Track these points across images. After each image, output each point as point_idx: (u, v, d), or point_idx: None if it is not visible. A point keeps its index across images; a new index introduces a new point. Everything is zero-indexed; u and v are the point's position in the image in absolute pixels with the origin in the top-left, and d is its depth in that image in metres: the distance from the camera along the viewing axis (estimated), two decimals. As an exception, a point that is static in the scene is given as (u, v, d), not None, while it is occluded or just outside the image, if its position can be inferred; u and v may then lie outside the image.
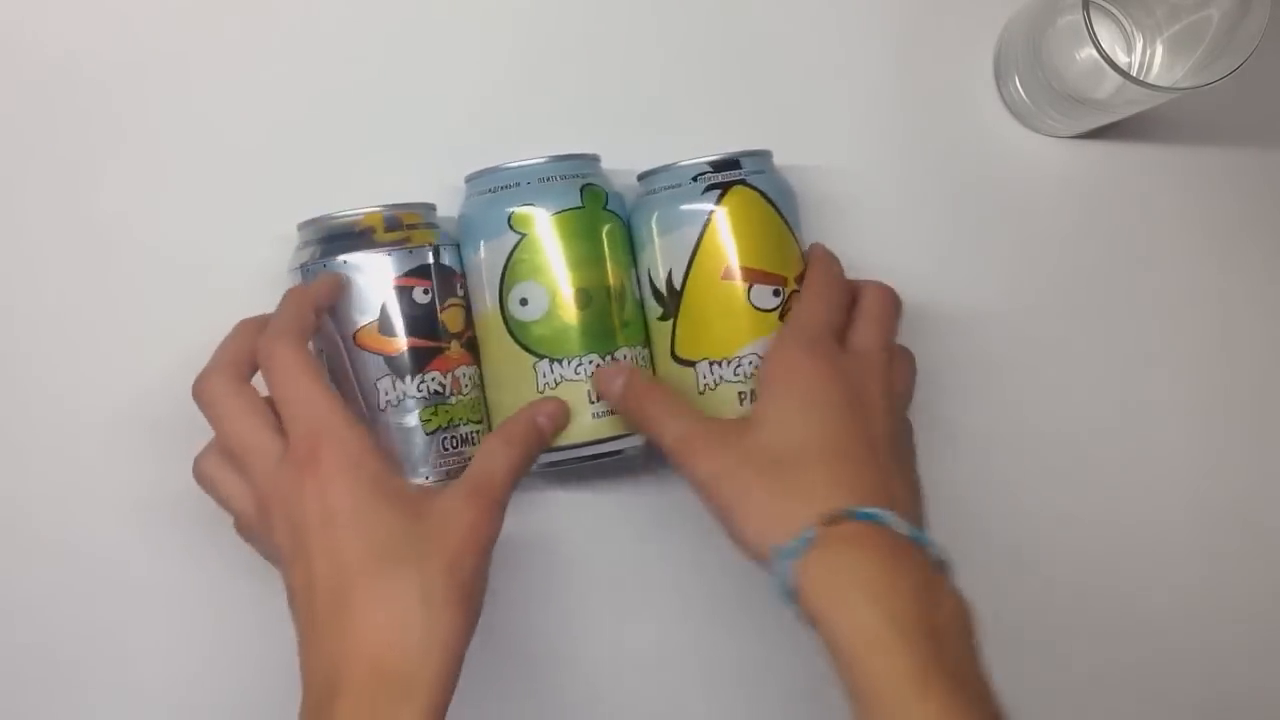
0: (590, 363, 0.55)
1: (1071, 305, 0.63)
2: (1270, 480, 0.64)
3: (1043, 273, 0.63)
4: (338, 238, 0.54)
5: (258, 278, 0.57)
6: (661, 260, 0.56)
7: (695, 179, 0.55)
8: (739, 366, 0.55)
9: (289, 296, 0.52)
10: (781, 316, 0.55)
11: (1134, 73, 0.57)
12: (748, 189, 0.55)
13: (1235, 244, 0.64)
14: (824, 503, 0.47)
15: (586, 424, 0.55)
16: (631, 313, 0.56)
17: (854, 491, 0.47)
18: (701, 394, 0.55)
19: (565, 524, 0.61)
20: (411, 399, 0.54)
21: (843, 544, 0.46)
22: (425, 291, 0.54)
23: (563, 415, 0.54)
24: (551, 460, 0.56)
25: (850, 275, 0.59)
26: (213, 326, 0.53)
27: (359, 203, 0.55)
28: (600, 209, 0.55)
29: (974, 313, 0.62)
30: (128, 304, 0.60)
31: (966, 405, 0.62)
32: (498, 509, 0.50)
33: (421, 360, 0.54)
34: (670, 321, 0.56)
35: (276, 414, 0.49)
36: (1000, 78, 0.63)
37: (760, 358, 0.54)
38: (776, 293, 0.55)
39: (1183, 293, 0.63)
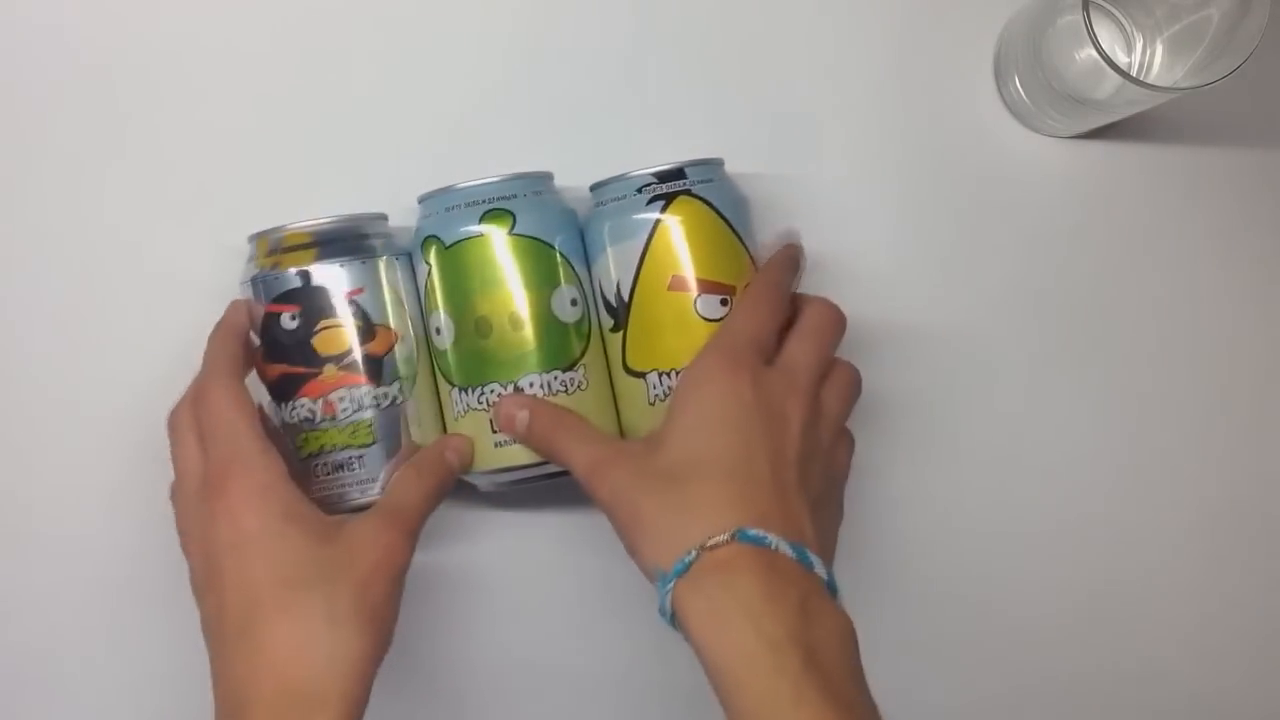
0: (492, 391, 0.54)
1: (1071, 305, 0.63)
2: (1270, 480, 0.64)
3: (1042, 273, 0.63)
4: (252, 258, 0.55)
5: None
6: (611, 271, 0.55)
7: (640, 190, 0.55)
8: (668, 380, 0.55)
9: (211, 336, 0.54)
10: None
11: (1134, 73, 0.57)
12: (692, 199, 0.54)
13: (1235, 244, 0.64)
14: (711, 524, 0.46)
15: (489, 452, 0.55)
16: (546, 337, 0.55)
17: (744, 512, 0.47)
18: (652, 405, 0.54)
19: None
20: (286, 424, 0.54)
21: (723, 567, 0.46)
22: (292, 317, 0.54)
23: (468, 450, 0.55)
24: (483, 484, 0.57)
25: (848, 275, 0.60)
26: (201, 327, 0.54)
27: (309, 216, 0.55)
28: (507, 233, 0.54)
29: (973, 313, 0.62)
30: (125, 306, 0.60)
31: (966, 405, 0.62)
32: (409, 536, 0.50)
33: (289, 387, 0.54)
34: (621, 333, 0.55)
35: None
36: (1000, 78, 0.63)
37: None
38: (724, 302, 0.54)
39: (1183, 293, 0.63)
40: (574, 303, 0.55)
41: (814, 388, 0.51)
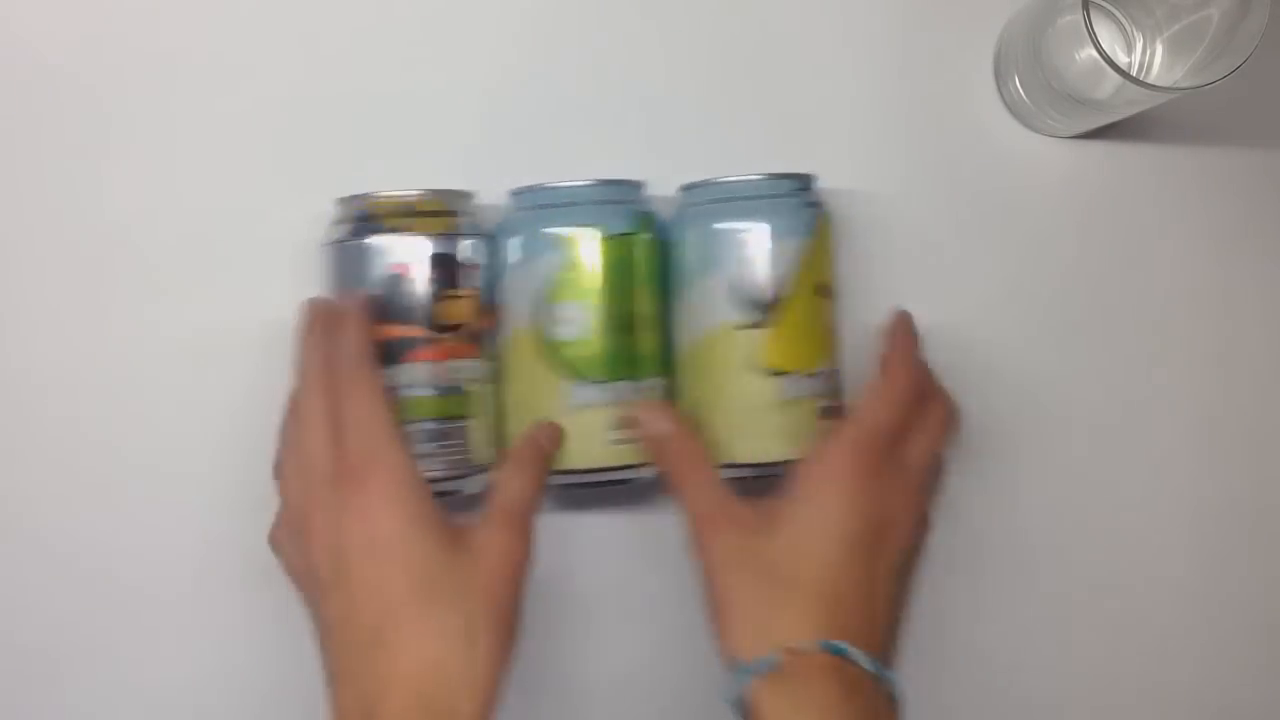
0: (617, 389, 0.55)
1: (1071, 305, 0.63)
2: (1270, 480, 0.64)
3: (1042, 273, 0.63)
4: (355, 219, 0.55)
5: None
6: (761, 266, 0.55)
7: (800, 190, 0.56)
8: (823, 381, 0.55)
9: (349, 320, 0.52)
10: None
11: (1134, 73, 0.57)
12: (826, 210, 0.57)
13: (1236, 244, 0.64)
14: (801, 629, 0.48)
15: (600, 450, 0.55)
16: (658, 342, 0.56)
17: (835, 624, 0.48)
18: (781, 406, 0.55)
19: (574, 548, 0.60)
20: (409, 387, 0.54)
21: (804, 674, 0.47)
22: (424, 281, 0.54)
23: (559, 438, 0.54)
24: (564, 482, 0.56)
25: (848, 275, 0.60)
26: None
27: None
28: (649, 235, 0.56)
29: (973, 313, 0.62)
30: (133, 298, 0.60)
31: (965, 405, 0.62)
32: (528, 534, 0.50)
33: (403, 350, 0.54)
34: (760, 331, 0.55)
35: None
36: (1000, 78, 0.63)
37: (837, 374, 0.56)
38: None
39: (1183, 293, 0.63)
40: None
41: (926, 491, 0.53)
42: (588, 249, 0.55)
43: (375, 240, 0.54)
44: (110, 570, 0.59)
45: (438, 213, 0.55)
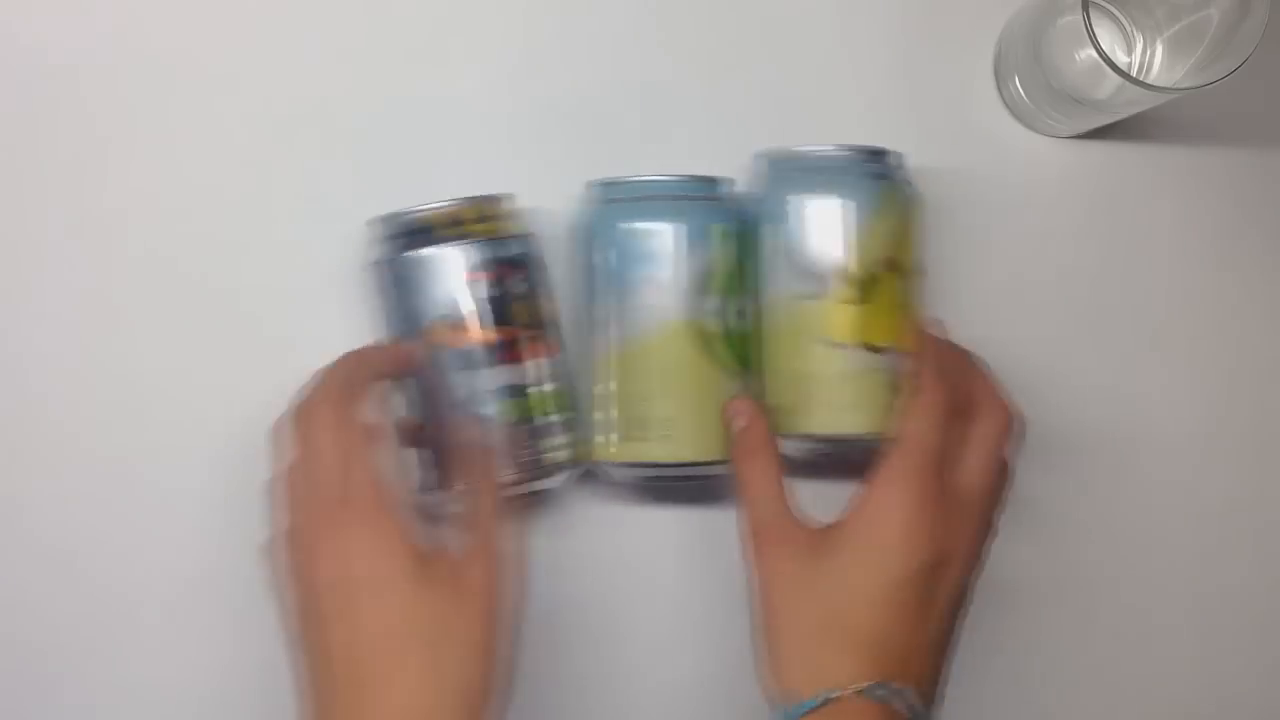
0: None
1: (1071, 305, 0.63)
2: (1270, 480, 0.64)
3: (1042, 273, 0.63)
4: (408, 234, 0.54)
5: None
6: (837, 240, 0.55)
7: (897, 166, 0.57)
8: (892, 358, 0.55)
9: (348, 358, 0.52)
10: None
11: (1134, 73, 0.57)
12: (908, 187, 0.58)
13: (1235, 244, 0.64)
14: (849, 674, 0.48)
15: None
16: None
17: (883, 668, 0.48)
18: (853, 378, 0.55)
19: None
20: (486, 393, 0.54)
21: (853, 713, 0.47)
22: (522, 280, 0.55)
23: (494, 472, 0.52)
24: (653, 475, 0.57)
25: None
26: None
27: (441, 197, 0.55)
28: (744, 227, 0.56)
29: (973, 313, 0.62)
30: (135, 302, 0.60)
31: (966, 405, 0.62)
32: (500, 564, 0.48)
33: (511, 351, 0.54)
34: (834, 303, 0.55)
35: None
36: (1000, 78, 0.63)
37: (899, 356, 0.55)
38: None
39: (1183, 293, 0.63)
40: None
41: (987, 518, 0.52)
42: (733, 244, 0.56)
43: (430, 251, 0.54)
44: (107, 572, 0.59)
45: (487, 217, 0.55)
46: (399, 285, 0.54)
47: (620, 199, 0.56)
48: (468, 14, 0.61)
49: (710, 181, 0.56)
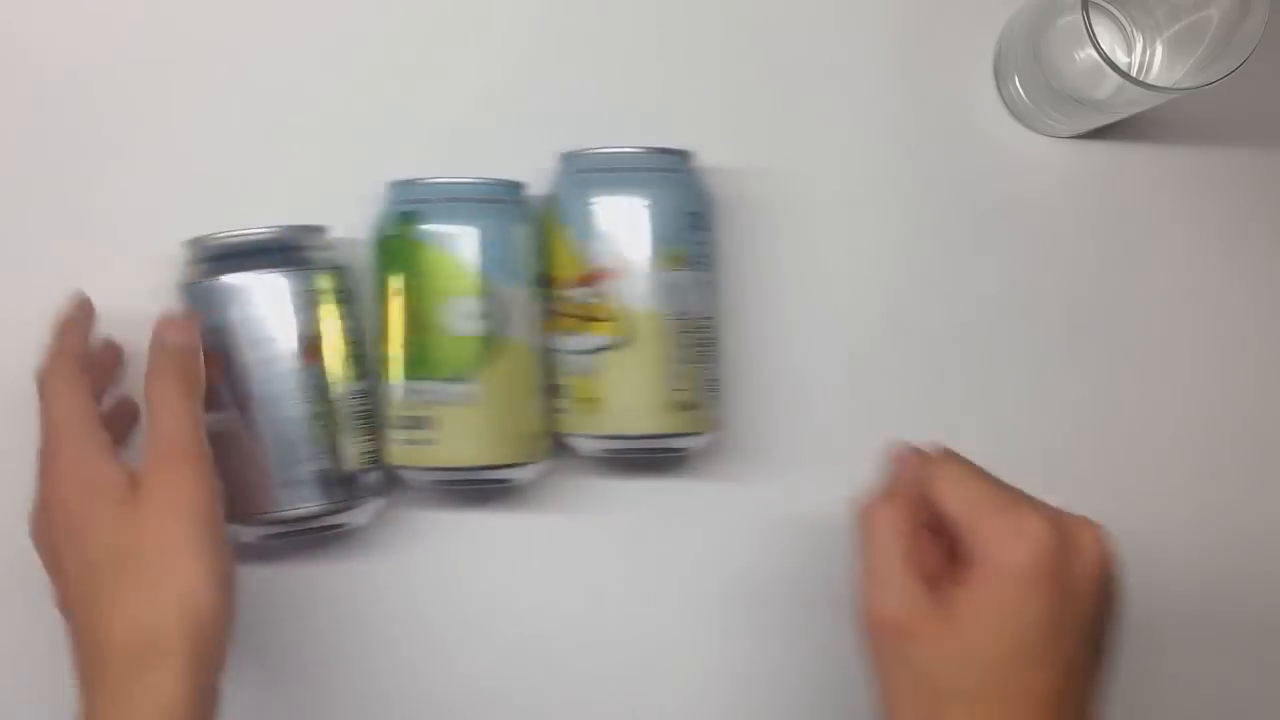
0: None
1: (1071, 305, 0.63)
2: (1270, 481, 0.64)
3: (1042, 273, 0.63)
4: (216, 259, 0.54)
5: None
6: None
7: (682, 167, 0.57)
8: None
9: (58, 323, 0.54)
10: None
11: (1134, 73, 0.57)
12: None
13: (1235, 244, 0.64)
14: None
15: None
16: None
17: None
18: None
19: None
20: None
21: None
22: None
23: (188, 324, 0.52)
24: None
25: (848, 275, 0.60)
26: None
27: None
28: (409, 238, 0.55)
29: (973, 313, 0.62)
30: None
31: (965, 404, 0.62)
32: (190, 462, 0.49)
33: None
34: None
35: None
36: (1000, 78, 0.63)
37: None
38: None
39: (1183, 293, 0.64)
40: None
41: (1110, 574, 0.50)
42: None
43: (231, 279, 0.53)
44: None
45: (293, 248, 0.54)
46: (207, 309, 0.54)
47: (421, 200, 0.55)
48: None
49: (512, 185, 0.56)
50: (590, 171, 0.56)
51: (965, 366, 0.62)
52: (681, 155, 0.56)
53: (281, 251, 0.54)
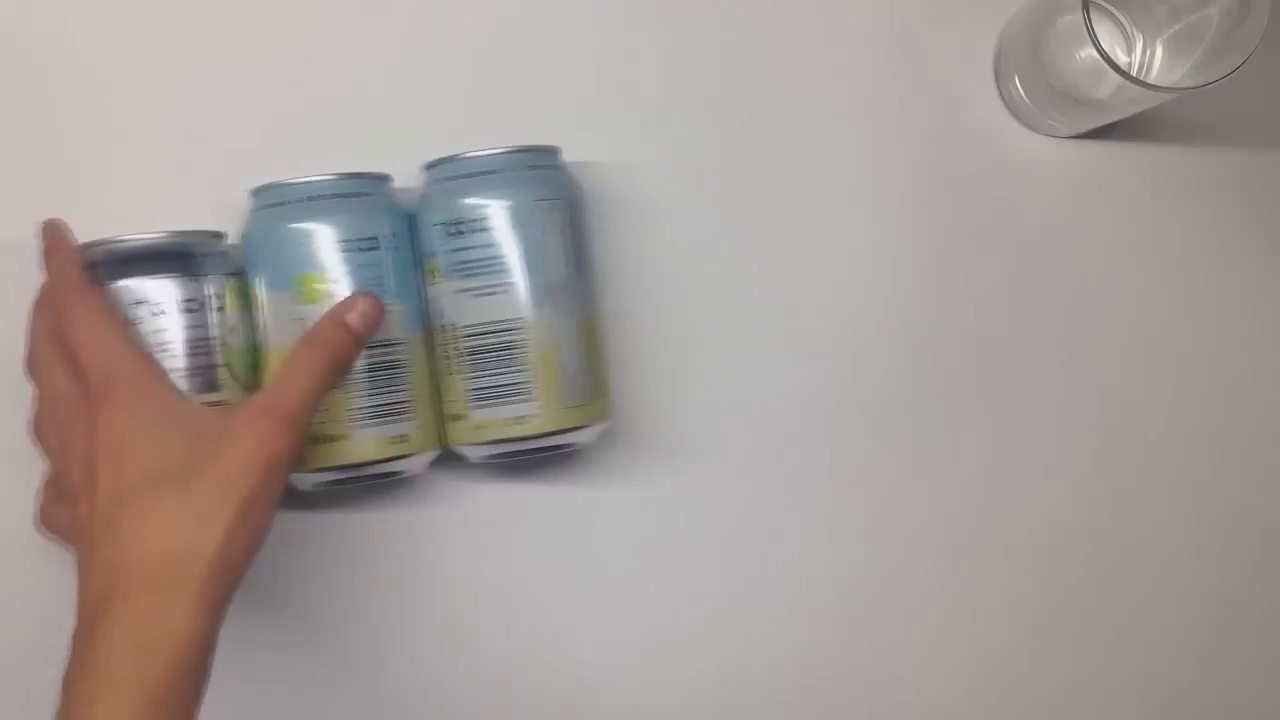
0: None
1: (1071, 305, 0.63)
2: (1270, 480, 0.64)
3: (1042, 273, 0.63)
4: (113, 263, 0.53)
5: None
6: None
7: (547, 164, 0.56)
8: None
9: (51, 254, 0.52)
10: None
11: (1134, 73, 0.57)
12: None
13: (1235, 244, 0.64)
14: None
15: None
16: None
17: None
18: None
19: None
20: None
21: None
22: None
23: (377, 314, 0.52)
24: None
25: (848, 274, 0.60)
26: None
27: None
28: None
29: (973, 312, 0.62)
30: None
31: (966, 404, 0.62)
32: (286, 422, 0.48)
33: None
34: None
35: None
36: (1000, 78, 0.63)
37: None
38: None
39: (1183, 293, 0.64)
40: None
41: None
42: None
43: (124, 284, 0.53)
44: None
45: (183, 254, 0.54)
46: None
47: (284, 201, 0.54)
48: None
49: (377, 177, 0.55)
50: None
51: (964, 366, 0.62)
52: (537, 152, 0.55)
53: (177, 257, 0.53)
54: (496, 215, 0.54)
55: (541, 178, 0.55)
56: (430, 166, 0.55)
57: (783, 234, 0.61)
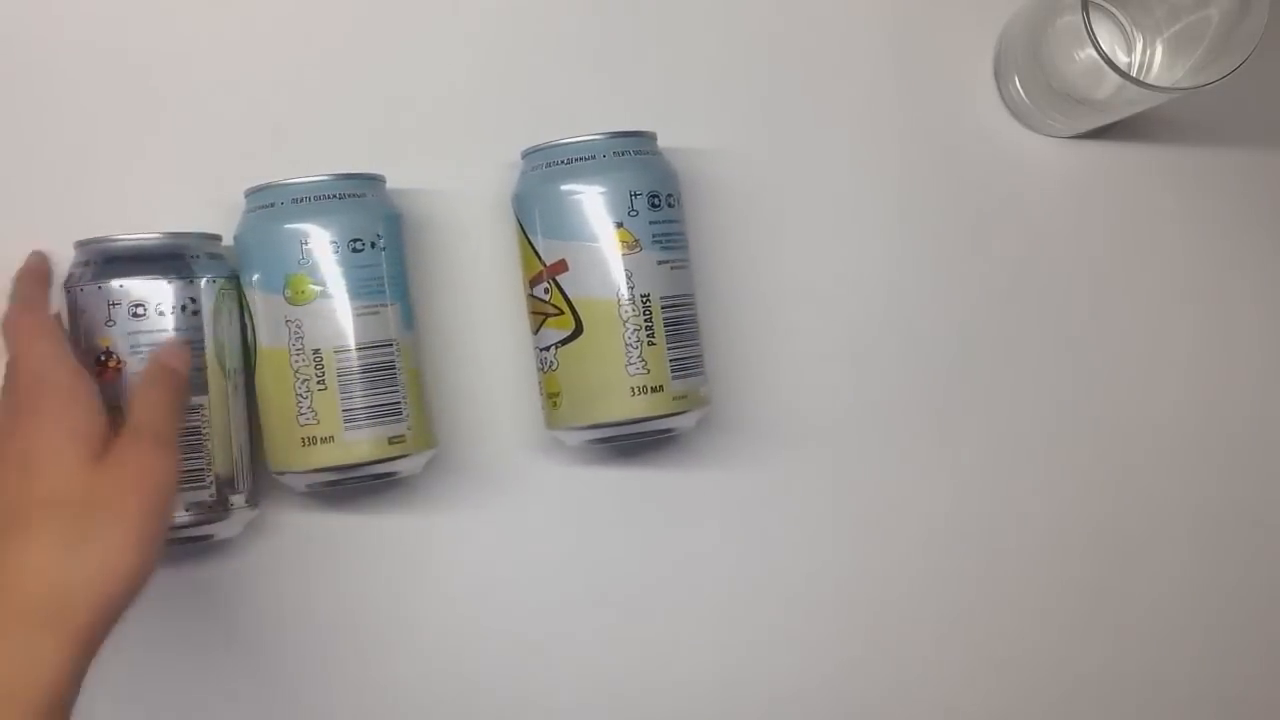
0: None
1: (1071, 304, 0.63)
2: (1271, 480, 0.64)
3: (1042, 273, 0.63)
4: (106, 262, 0.53)
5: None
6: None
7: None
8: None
9: (24, 275, 0.55)
10: None
11: (1134, 73, 0.57)
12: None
13: (1235, 244, 0.64)
14: None
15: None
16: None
17: None
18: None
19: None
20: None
21: None
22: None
23: (187, 356, 0.53)
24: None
25: (848, 275, 0.60)
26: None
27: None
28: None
29: (974, 313, 0.62)
30: None
31: (966, 405, 0.62)
32: (163, 446, 0.49)
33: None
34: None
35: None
36: (1000, 78, 0.63)
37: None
38: None
39: (1182, 292, 0.63)
40: None
41: None
42: None
43: (116, 284, 0.53)
44: None
45: (177, 255, 0.54)
46: (79, 312, 0.53)
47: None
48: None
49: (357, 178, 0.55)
50: (544, 166, 0.55)
51: (964, 366, 0.62)
52: (639, 137, 0.56)
53: (172, 258, 0.53)
54: (684, 190, 0.57)
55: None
56: (636, 136, 0.56)
57: (783, 234, 0.61)
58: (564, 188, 0.54)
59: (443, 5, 0.61)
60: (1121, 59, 0.60)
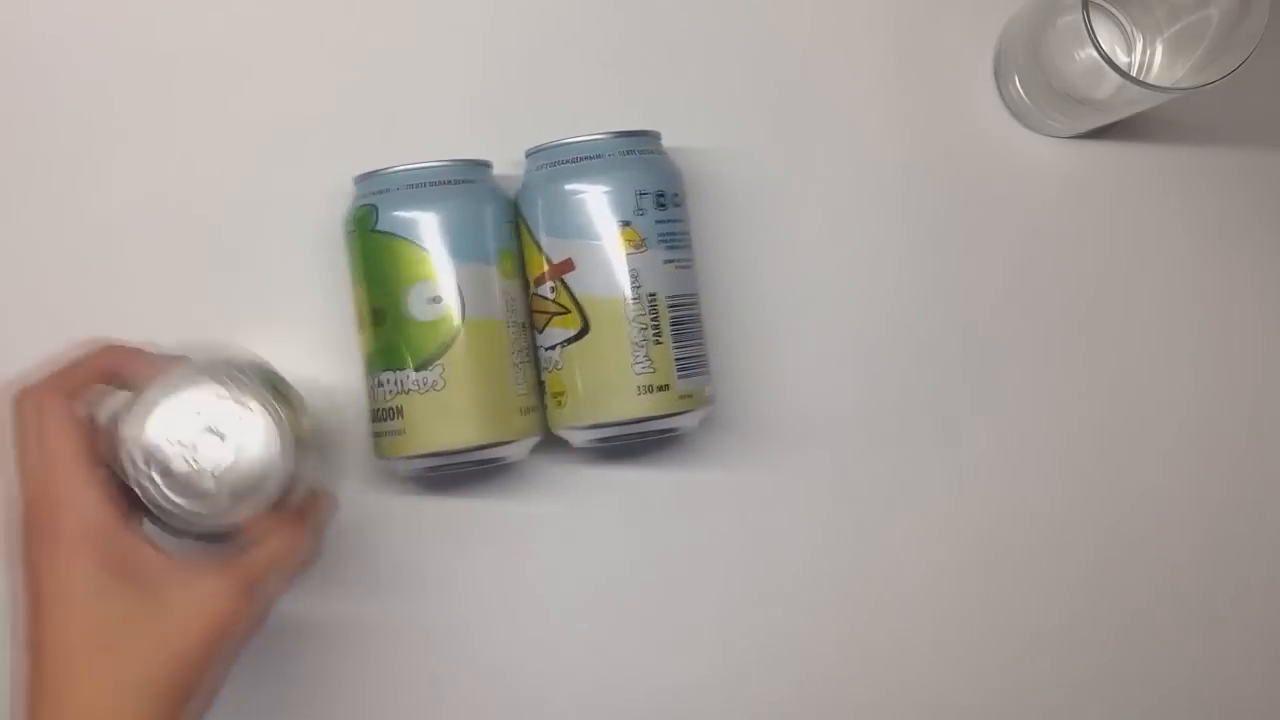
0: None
1: (1071, 305, 0.63)
2: (1270, 480, 0.64)
3: (1042, 273, 0.63)
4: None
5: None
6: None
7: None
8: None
9: (66, 358, 0.48)
10: None
11: (1134, 73, 0.57)
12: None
13: (1235, 244, 0.64)
14: None
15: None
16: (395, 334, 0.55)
17: None
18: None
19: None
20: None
21: None
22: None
23: (332, 511, 0.51)
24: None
25: (848, 275, 0.60)
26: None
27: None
28: (367, 230, 0.54)
29: (974, 313, 0.62)
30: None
31: (966, 405, 0.62)
32: (248, 596, 0.46)
33: None
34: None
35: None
36: (1000, 78, 0.63)
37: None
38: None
39: (1182, 293, 0.64)
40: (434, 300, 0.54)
41: None
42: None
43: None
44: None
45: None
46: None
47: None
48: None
49: (474, 165, 0.56)
50: (550, 165, 0.55)
51: (965, 366, 0.62)
52: (644, 137, 0.56)
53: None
54: (688, 190, 0.57)
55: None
56: (639, 135, 0.56)
57: (784, 233, 0.61)
58: (569, 187, 0.55)
59: (446, 5, 0.61)
60: (1121, 59, 0.60)
